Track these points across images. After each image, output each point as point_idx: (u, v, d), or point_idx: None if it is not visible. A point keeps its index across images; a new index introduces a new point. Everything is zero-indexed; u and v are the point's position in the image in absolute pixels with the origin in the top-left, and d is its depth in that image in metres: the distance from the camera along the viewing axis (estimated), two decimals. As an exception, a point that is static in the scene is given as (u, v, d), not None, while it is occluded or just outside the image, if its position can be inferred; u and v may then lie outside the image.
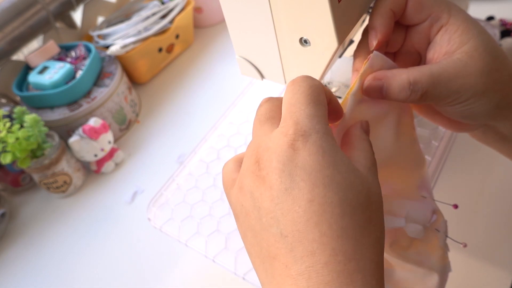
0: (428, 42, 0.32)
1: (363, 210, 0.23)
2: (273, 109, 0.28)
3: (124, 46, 0.71)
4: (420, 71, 0.29)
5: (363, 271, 0.22)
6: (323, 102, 0.26)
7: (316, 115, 0.25)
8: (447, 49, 0.30)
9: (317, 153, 0.23)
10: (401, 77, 0.29)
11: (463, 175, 0.53)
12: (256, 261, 0.25)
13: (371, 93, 0.30)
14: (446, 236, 0.32)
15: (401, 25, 0.33)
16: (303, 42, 0.33)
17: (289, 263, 0.23)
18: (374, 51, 0.30)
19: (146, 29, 0.74)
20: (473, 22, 0.31)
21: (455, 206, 0.32)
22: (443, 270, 0.32)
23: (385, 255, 0.32)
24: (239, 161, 0.28)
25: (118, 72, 0.69)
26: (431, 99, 0.30)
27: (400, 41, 0.34)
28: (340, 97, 0.48)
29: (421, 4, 0.31)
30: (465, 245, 0.32)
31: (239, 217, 0.26)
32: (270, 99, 0.29)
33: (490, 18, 0.66)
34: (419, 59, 0.34)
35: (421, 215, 0.31)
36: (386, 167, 0.32)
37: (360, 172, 0.24)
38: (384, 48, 0.33)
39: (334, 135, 0.28)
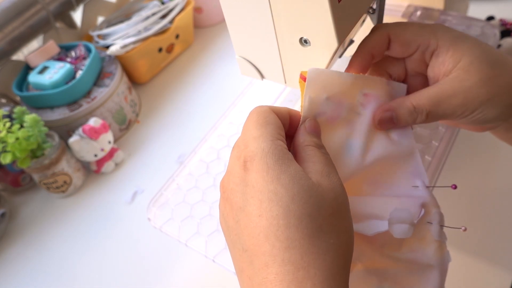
0: (427, 66, 0.34)
1: (310, 219, 0.24)
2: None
3: (124, 46, 0.71)
4: (420, 94, 0.32)
5: (313, 278, 0.23)
6: (272, 121, 0.28)
7: (262, 135, 0.27)
8: (444, 71, 0.32)
9: (262, 170, 0.25)
10: (405, 104, 0.32)
11: (463, 175, 0.53)
12: (236, 273, 0.28)
13: (384, 124, 0.32)
14: (442, 226, 0.32)
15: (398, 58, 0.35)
16: (303, 42, 0.33)
17: (251, 275, 0.25)
18: (310, 68, 0.31)
19: (146, 29, 0.74)
20: (462, 39, 0.32)
21: (454, 187, 0.32)
22: (441, 262, 0.32)
23: (378, 256, 0.32)
24: None
25: (118, 72, 0.69)
26: (439, 117, 0.32)
27: (402, 71, 0.35)
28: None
29: (404, 41, 0.33)
30: (465, 229, 0.32)
31: (224, 235, 0.29)
32: None
33: (490, 18, 0.66)
34: (427, 80, 0.35)
35: (405, 214, 0.30)
36: (375, 165, 0.32)
37: (308, 181, 0.25)
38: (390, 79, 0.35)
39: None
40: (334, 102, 0.31)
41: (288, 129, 0.30)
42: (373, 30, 0.34)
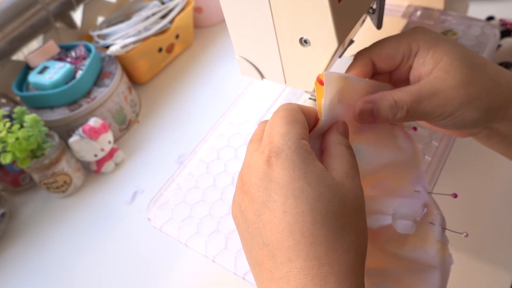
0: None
1: (335, 218, 0.25)
2: (263, 131, 0.30)
3: (124, 46, 0.71)
4: (402, 90, 0.31)
5: (337, 274, 0.24)
6: (299, 120, 0.28)
7: (289, 133, 0.27)
8: (424, 71, 0.32)
9: (288, 167, 0.26)
10: (387, 98, 0.31)
11: (463, 175, 0.53)
12: (250, 266, 0.28)
13: (364, 116, 0.32)
14: (444, 228, 0.32)
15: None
16: (303, 42, 0.33)
17: (272, 268, 0.25)
18: (326, 71, 0.31)
19: (146, 29, 0.74)
20: (442, 40, 0.32)
21: (454, 195, 0.32)
22: (444, 264, 0.32)
23: (380, 254, 0.32)
24: None
25: (118, 72, 0.69)
26: (418, 115, 0.31)
27: (386, 78, 0.35)
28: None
29: (387, 57, 0.33)
30: (466, 235, 0.32)
31: (236, 227, 0.29)
32: (264, 122, 0.31)
33: (490, 18, 0.66)
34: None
35: (409, 211, 0.31)
36: (381, 171, 0.33)
37: (333, 181, 0.26)
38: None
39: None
40: (345, 106, 0.32)
41: (312, 129, 0.31)
42: (354, 59, 0.34)
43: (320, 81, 0.31)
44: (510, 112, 0.32)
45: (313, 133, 0.31)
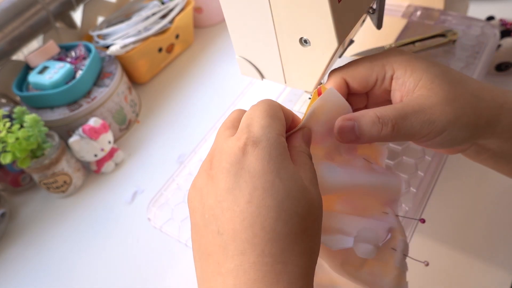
0: (389, 91, 0.33)
1: (299, 219, 0.24)
2: (238, 119, 0.30)
3: (124, 46, 0.71)
4: (385, 107, 0.30)
5: (290, 273, 0.24)
6: (280, 118, 0.28)
7: (270, 127, 0.27)
8: (406, 91, 0.31)
9: (263, 158, 0.25)
10: (369, 114, 0.30)
11: (463, 176, 0.53)
12: (196, 258, 0.27)
13: (345, 134, 0.30)
14: (405, 255, 0.32)
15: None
16: (303, 42, 0.33)
17: (221, 260, 0.24)
18: (331, 87, 0.31)
19: (146, 29, 0.74)
20: (417, 59, 0.31)
21: (423, 221, 0.32)
22: None
23: (336, 271, 0.32)
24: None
25: (118, 72, 0.69)
26: (405, 132, 0.30)
27: (363, 103, 0.35)
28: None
29: (361, 78, 0.32)
30: (427, 264, 0.31)
31: (190, 214, 0.28)
32: (240, 110, 0.31)
33: (490, 18, 0.66)
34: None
35: (372, 235, 0.30)
36: (350, 190, 0.32)
37: (303, 183, 0.26)
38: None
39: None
40: (327, 128, 0.31)
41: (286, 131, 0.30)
42: (328, 79, 0.34)
43: (319, 92, 0.31)
44: (498, 129, 0.31)
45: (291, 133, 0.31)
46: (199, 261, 0.26)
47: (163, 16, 0.76)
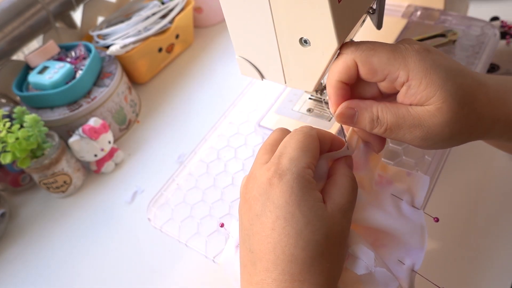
0: (396, 91, 0.32)
1: (316, 245, 0.27)
2: (278, 141, 0.32)
3: (124, 46, 0.71)
4: (387, 107, 0.31)
5: None
6: (312, 150, 0.30)
7: (297, 160, 0.29)
8: (416, 102, 0.30)
9: (286, 191, 0.28)
10: (371, 110, 0.31)
11: (463, 175, 0.53)
12: (240, 265, 0.31)
13: (343, 119, 0.32)
14: None
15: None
16: (303, 42, 0.33)
17: (251, 273, 0.29)
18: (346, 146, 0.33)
19: (146, 29, 0.74)
20: (436, 71, 0.30)
21: (436, 219, 0.32)
22: None
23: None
24: None
25: (118, 72, 0.69)
26: (394, 137, 0.31)
27: (375, 92, 0.33)
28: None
29: (371, 68, 0.31)
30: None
31: (239, 227, 0.32)
32: (281, 131, 0.33)
33: (495, 19, 0.66)
34: None
35: (381, 280, 0.30)
36: (375, 224, 0.33)
37: (324, 212, 0.28)
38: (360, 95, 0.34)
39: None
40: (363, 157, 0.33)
41: (328, 151, 0.33)
42: (339, 54, 0.32)
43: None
44: (488, 136, 0.33)
45: (329, 155, 0.32)
46: (240, 269, 0.31)
47: (163, 16, 0.76)
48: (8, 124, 0.56)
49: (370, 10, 0.37)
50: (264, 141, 0.33)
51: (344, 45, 0.32)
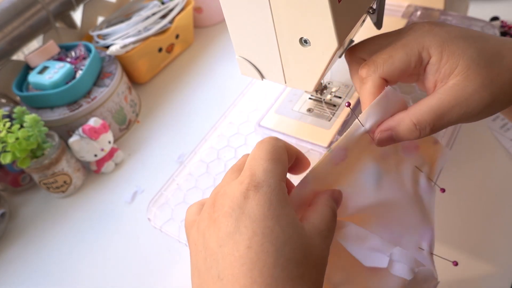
0: (418, 77, 0.33)
1: (296, 264, 0.24)
2: (245, 162, 0.30)
3: (124, 46, 0.71)
4: (420, 109, 0.30)
5: None
6: (283, 161, 0.28)
7: (272, 171, 0.27)
8: (441, 78, 0.30)
9: (264, 204, 0.25)
10: (405, 122, 0.30)
11: (464, 175, 0.53)
12: None
13: (384, 144, 0.31)
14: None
15: None
16: (303, 42, 0.33)
17: None
18: (388, 86, 0.31)
19: (146, 29, 0.74)
20: (454, 40, 0.30)
21: (455, 263, 0.31)
22: None
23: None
24: (201, 205, 0.30)
25: (118, 72, 0.69)
26: (443, 127, 0.30)
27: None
28: (340, 97, 0.48)
29: (400, 73, 0.31)
30: (456, 264, 0.31)
31: (191, 256, 0.28)
32: (247, 155, 0.30)
33: (495, 19, 0.66)
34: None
35: (408, 256, 0.29)
36: (390, 207, 0.32)
37: (302, 230, 0.26)
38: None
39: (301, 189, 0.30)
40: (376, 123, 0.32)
41: (291, 167, 0.31)
42: (365, 81, 0.32)
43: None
44: None
45: (343, 137, 0.31)
46: None
47: (163, 16, 0.76)
48: (8, 124, 0.56)
49: (370, 10, 0.37)
50: (232, 165, 0.31)
51: (362, 68, 0.33)
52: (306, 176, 0.30)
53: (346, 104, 0.31)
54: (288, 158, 0.29)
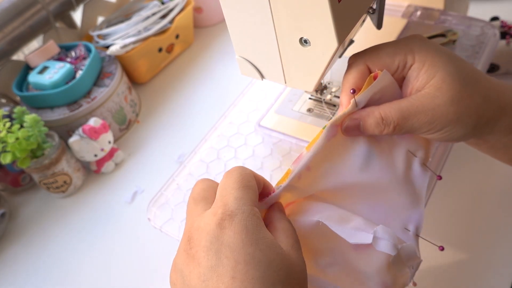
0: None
1: (282, 285, 0.25)
2: (206, 189, 0.30)
3: (124, 46, 0.71)
4: (390, 106, 0.32)
5: None
6: (253, 187, 0.28)
7: (243, 198, 0.27)
8: (417, 86, 0.32)
9: (241, 232, 0.25)
10: (374, 114, 0.32)
11: (463, 175, 0.53)
12: None
13: (350, 131, 0.33)
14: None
15: None
16: (303, 42, 0.33)
17: None
18: (385, 70, 0.32)
19: (146, 29, 0.74)
20: (439, 53, 0.31)
21: (441, 248, 0.32)
22: None
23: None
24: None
25: (118, 72, 0.69)
26: (405, 130, 0.32)
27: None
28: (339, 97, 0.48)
29: (383, 65, 0.33)
30: (442, 249, 0.32)
31: None
32: (204, 180, 0.31)
33: (495, 19, 0.66)
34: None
35: (392, 233, 0.30)
36: (380, 187, 0.33)
37: (282, 250, 0.26)
38: None
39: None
40: (381, 99, 0.33)
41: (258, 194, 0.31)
42: (350, 64, 0.34)
43: (375, 76, 0.32)
44: (498, 127, 0.32)
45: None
46: None
47: (163, 16, 0.76)
48: (8, 124, 0.56)
49: (370, 10, 0.37)
50: (190, 195, 0.30)
51: (350, 57, 0.35)
52: (302, 154, 0.32)
53: (351, 91, 0.32)
54: (257, 184, 0.30)
